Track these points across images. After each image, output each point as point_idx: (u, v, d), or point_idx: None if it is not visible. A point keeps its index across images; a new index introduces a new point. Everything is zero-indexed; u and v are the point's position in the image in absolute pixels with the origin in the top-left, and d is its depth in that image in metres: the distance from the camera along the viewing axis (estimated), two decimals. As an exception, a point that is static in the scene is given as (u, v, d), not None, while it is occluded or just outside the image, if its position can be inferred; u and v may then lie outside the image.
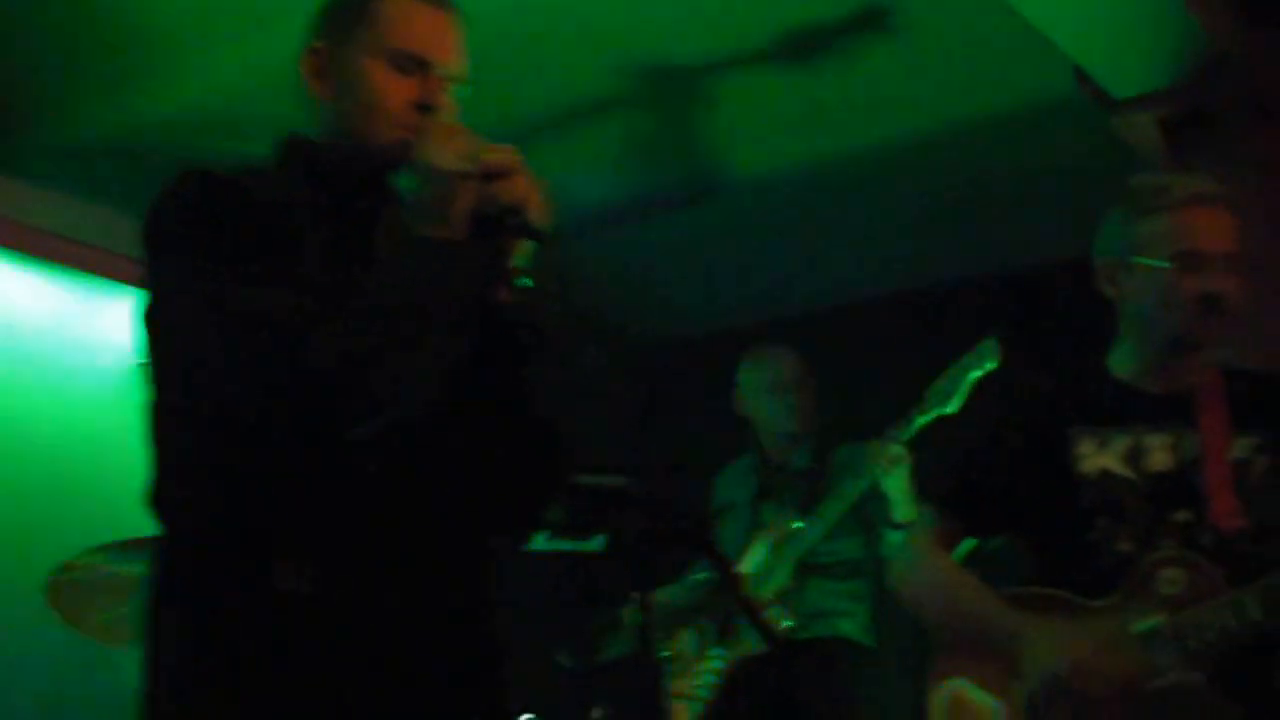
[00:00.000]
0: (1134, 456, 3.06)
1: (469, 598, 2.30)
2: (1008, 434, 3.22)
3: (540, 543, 5.53)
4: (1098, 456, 3.07)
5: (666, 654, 4.74)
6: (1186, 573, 2.94)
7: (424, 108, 2.28)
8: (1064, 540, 3.09)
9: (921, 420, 4.62)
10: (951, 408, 4.50)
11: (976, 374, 4.50)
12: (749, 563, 5.15)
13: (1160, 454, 3.05)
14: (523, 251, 2.18)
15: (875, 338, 7.61)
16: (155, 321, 2.19)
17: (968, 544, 3.22)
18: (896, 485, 4.79)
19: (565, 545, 5.52)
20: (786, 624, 4.98)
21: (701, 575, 5.12)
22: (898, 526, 4.65)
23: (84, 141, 5.59)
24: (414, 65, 2.31)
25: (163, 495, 2.22)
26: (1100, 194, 3.24)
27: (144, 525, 2.26)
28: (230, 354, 2.06)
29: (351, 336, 2.05)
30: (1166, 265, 3.03)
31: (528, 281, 2.17)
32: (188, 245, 2.15)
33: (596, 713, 5.01)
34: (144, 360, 2.22)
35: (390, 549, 2.18)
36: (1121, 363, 3.17)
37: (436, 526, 2.25)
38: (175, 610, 2.16)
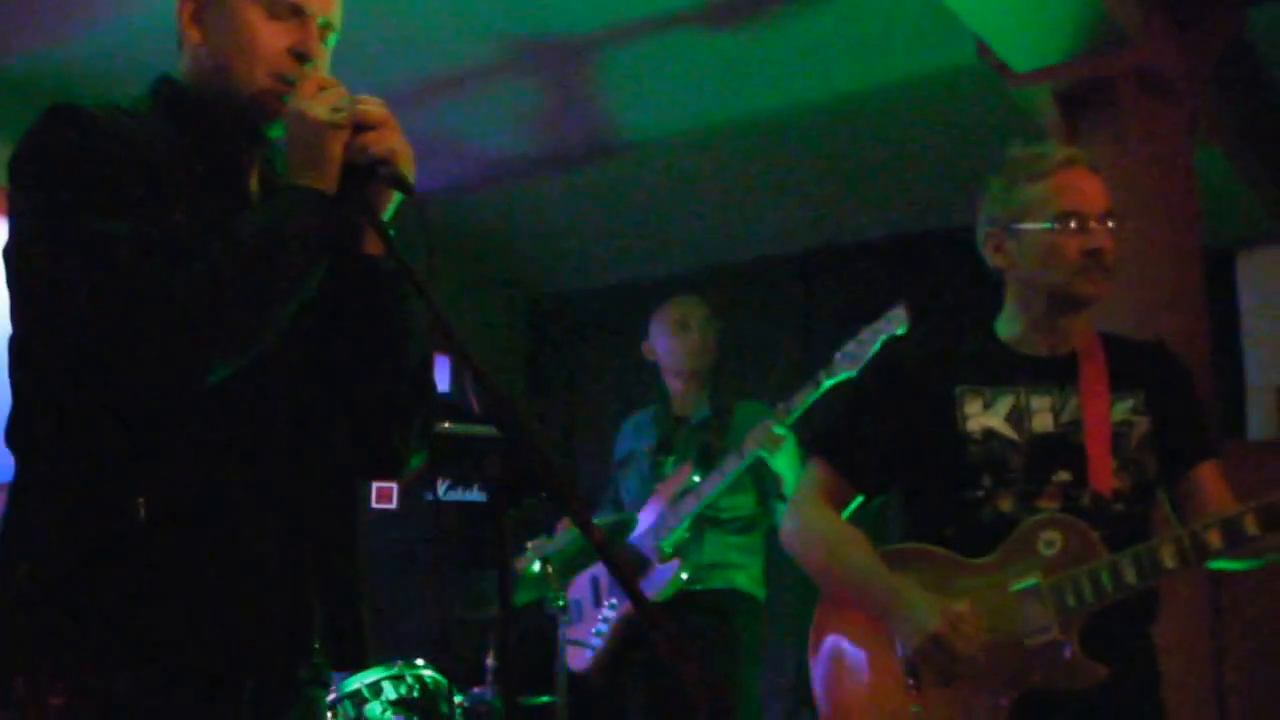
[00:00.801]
0: (1017, 417, 3.04)
1: (331, 537, 2.26)
2: (895, 391, 3.19)
3: (429, 493, 5.50)
4: (983, 416, 3.05)
5: (561, 602, 4.70)
6: (1064, 534, 2.93)
7: (299, 55, 2.23)
8: (947, 498, 3.06)
9: (829, 383, 4.59)
10: (859, 371, 4.47)
11: (885, 339, 4.47)
12: (648, 513, 5.12)
13: (1042, 415, 3.04)
14: (391, 202, 2.19)
15: (779, 295, 7.62)
16: (18, 255, 2.12)
17: (854, 499, 3.19)
18: (784, 463, 4.78)
19: (454, 495, 5.51)
20: (681, 575, 4.95)
21: (599, 523, 5.09)
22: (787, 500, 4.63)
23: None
24: (290, 12, 2.24)
25: (21, 430, 2.15)
26: (997, 162, 3.22)
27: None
28: (91, 288, 1.99)
29: (215, 276, 1.99)
30: (1051, 226, 3.03)
31: (393, 231, 2.17)
32: (53, 180, 2.08)
33: (484, 661, 4.97)
34: (8, 293, 2.14)
35: (250, 486, 2.13)
36: (1006, 326, 3.16)
37: (299, 466, 2.20)
38: (30, 546, 2.08)
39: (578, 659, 5.11)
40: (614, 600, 5.12)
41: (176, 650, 2.05)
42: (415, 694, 4.50)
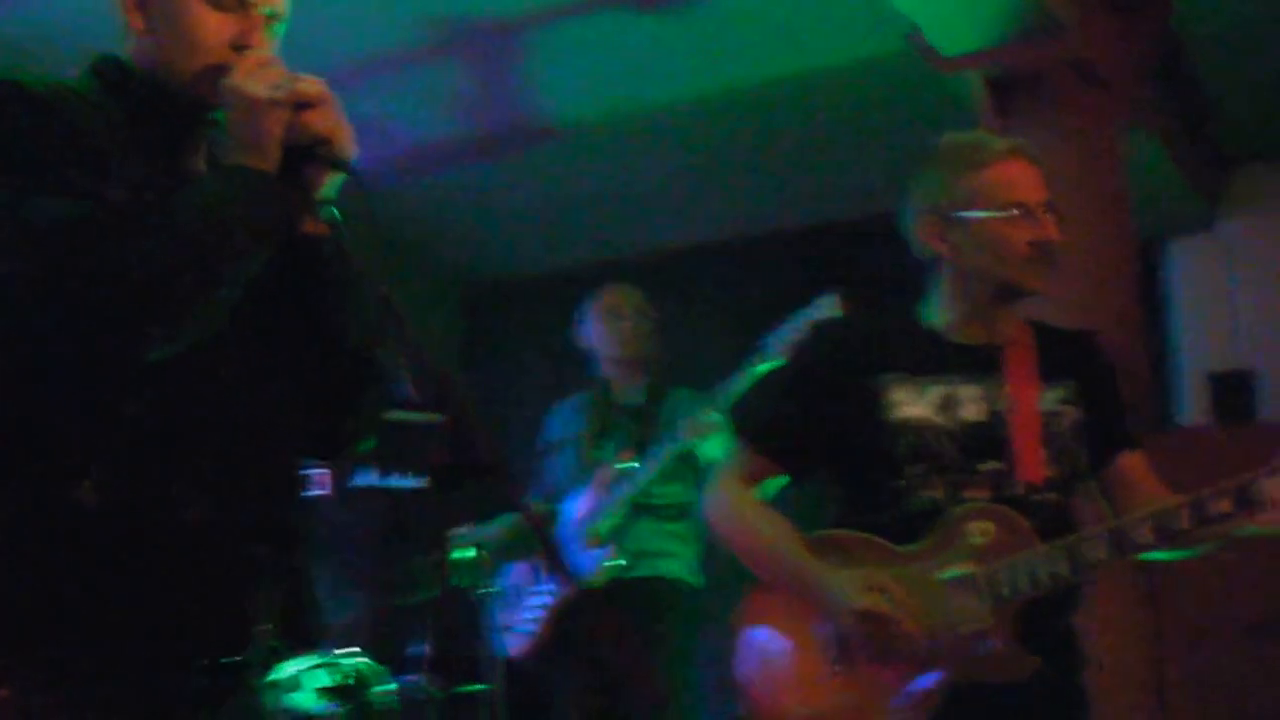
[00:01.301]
0: (946, 406, 3.02)
1: (275, 522, 2.23)
2: (823, 377, 3.18)
3: (365, 479, 5.48)
4: (911, 404, 3.03)
5: (495, 588, 4.70)
6: (995, 524, 2.93)
7: (241, 49, 2.18)
8: (875, 485, 3.04)
9: (760, 369, 4.61)
10: (788, 356, 4.49)
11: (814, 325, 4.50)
12: (580, 501, 5.12)
13: (972, 404, 3.02)
14: (331, 182, 2.16)
15: (711, 282, 7.64)
16: None
17: (779, 482, 3.19)
18: (717, 450, 4.79)
19: (389, 481, 5.49)
20: (618, 563, 4.96)
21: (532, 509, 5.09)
22: None
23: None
24: (233, 2, 2.20)
25: None
26: (929, 148, 3.21)
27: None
28: (27, 264, 1.96)
29: (153, 254, 1.96)
30: (998, 215, 3.02)
31: (334, 212, 2.15)
32: None
33: (418, 648, 4.95)
34: None
35: (193, 468, 2.10)
36: (937, 314, 3.13)
37: (241, 448, 2.18)
38: None
39: (511, 644, 5.11)
40: (548, 586, 5.12)
41: (125, 640, 2.02)
42: (350, 681, 4.48)
